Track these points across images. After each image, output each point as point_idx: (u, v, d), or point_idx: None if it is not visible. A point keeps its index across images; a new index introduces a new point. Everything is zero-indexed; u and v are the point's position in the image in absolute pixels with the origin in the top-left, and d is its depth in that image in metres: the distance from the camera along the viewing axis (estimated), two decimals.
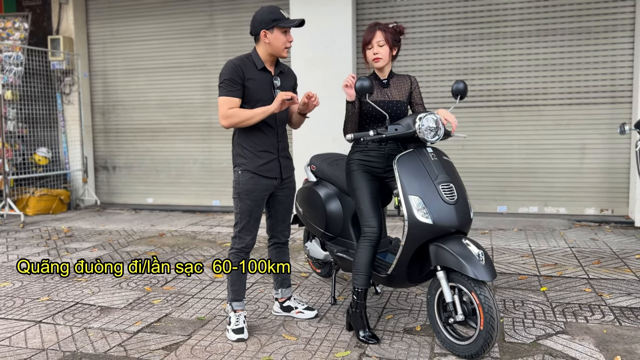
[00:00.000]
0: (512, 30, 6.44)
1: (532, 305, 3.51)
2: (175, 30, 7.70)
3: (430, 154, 2.92)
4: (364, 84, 2.85)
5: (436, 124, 2.90)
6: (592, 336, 3.00)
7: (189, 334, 3.17)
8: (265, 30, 2.95)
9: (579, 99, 6.32)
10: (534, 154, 6.51)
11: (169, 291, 3.97)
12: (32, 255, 5.11)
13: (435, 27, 6.67)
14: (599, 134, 6.29)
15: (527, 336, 3.02)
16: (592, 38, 6.21)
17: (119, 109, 8.11)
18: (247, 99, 2.99)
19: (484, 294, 2.62)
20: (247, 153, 3.05)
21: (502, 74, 6.51)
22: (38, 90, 7.81)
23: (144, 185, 8.13)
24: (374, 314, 3.41)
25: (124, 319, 3.43)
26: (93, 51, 8.13)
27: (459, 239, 2.75)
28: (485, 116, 6.63)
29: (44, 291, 4.01)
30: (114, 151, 8.23)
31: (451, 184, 2.84)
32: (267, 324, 3.29)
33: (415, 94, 3.24)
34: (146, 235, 5.98)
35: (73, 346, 3.01)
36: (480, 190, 6.72)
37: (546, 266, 4.41)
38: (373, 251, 3.01)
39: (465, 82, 3.17)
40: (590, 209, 6.39)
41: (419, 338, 3.04)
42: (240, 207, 3.06)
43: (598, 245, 5.09)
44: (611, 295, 3.66)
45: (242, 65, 2.96)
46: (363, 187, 3.08)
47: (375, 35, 3.07)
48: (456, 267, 2.66)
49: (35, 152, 7.71)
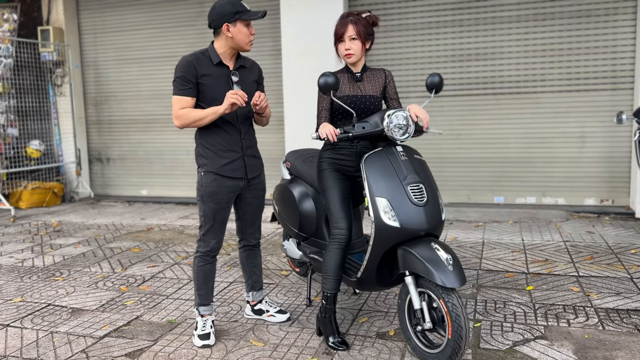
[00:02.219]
0: (508, 15, 6.21)
1: (514, 306, 3.37)
2: (166, 19, 7.55)
3: (400, 153, 2.77)
4: (328, 80, 2.71)
5: (406, 121, 2.75)
6: (572, 342, 2.86)
7: (155, 339, 3.08)
8: (228, 23, 2.80)
9: (579, 85, 6.09)
10: (531, 143, 6.31)
11: (145, 291, 3.88)
12: (16, 252, 5.06)
13: (429, 13, 6.45)
14: (599, 122, 6.07)
15: (503, 342, 2.89)
16: (592, 22, 5.97)
17: (112, 100, 8.01)
18: (203, 97, 2.84)
19: (451, 301, 2.49)
20: (208, 153, 2.92)
21: (499, 60, 6.29)
22: (29, 82, 7.73)
23: (138, 177, 8.06)
24: (349, 316, 3.29)
25: (93, 321, 3.35)
26: (84, 42, 8.02)
27: (428, 243, 2.61)
28: (481, 104, 6.43)
29: (19, 291, 3.94)
30: (108, 143, 8.15)
31: (421, 185, 2.70)
32: (236, 328, 3.19)
33: (389, 89, 3.08)
34: (134, 229, 5.91)
35: (35, 353, 2.94)
36: (476, 180, 6.55)
37: (536, 262, 4.25)
38: (342, 254, 2.89)
39: (441, 75, 3.00)
40: (590, 199, 6.20)
41: (390, 344, 2.92)
42: (204, 210, 2.94)
43: (594, 238, 4.92)
44: (599, 295, 3.51)
45: (195, 62, 2.81)
46: (333, 187, 2.95)
47: (347, 29, 2.90)
48: (423, 273, 2.52)
49: (28, 145, 7.66)
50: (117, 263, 4.61)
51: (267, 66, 7.09)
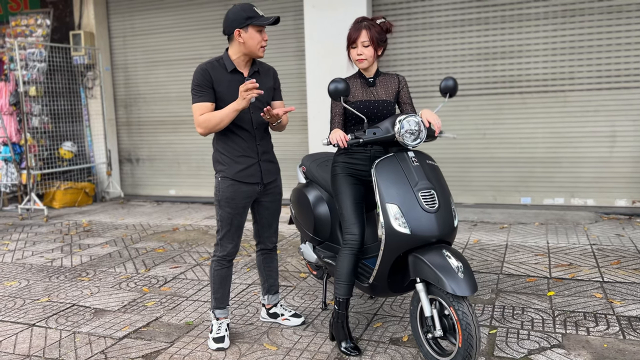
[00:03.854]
0: (535, 12, 6.07)
1: (533, 313, 3.31)
2: (192, 22, 7.66)
3: (412, 159, 2.75)
4: (338, 87, 2.71)
5: (418, 127, 2.73)
6: (590, 351, 2.80)
7: (172, 341, 3.14)
8: (239, 29, 2.83)
9: (609, 83, 5.91)
10: (560, 143, 6.16)
11: (165, 292, 3.96)
12: (47, 252, 5.23)
13: (454, 11, 6.36)
14: (631, 121, 5.88)
15: (518, 350, 2.84)
16: (624, 17, 5.78)
17: (141, 101, 8.18)
18: (218, 105, 2.89)
19: (462, 309, 2.46)
20: (225, 159, 2.96)
21: (526, 58, 6.16)
22: (62, 85, 7.95)
23: (166, 177, 8.21)
24: (363, 321, 3.29)
25: (114, 322, 3.44)
26: (114, 45, 8.21)
27: (439, 250, 2.59)
28: (507, 103, 6.31)
29: (46, 291, 4.08)
30: (137, 144, 8.33)
31: (432, 191, 2.67)
32: (251, 331, 3.22)
33: (403, 94, 3.06)
34: (160, 230, 6.03)
35: (57, 353, 3.04)
36: (503, 181, 6.44)
37: (559, 267, 4.16)
38: (354, 259, 2.89)
39: (455, 79, 2.96)
40: (621, 200, 6.02)
41: (403, 350, 2.91)
42: (221, 214, 2.98)
43: (622, 242, 4.78)
44: (622, 303, 3.41)
45: (210, 70, 2.86)
46: (346, 192, 2.95)
47: (361, 34, 2.89)
48: (433, 280, 2.51)
49: (61, 146, 7.89)
50: (141, 264, 4.71)
51: (290, 67, 7.12)
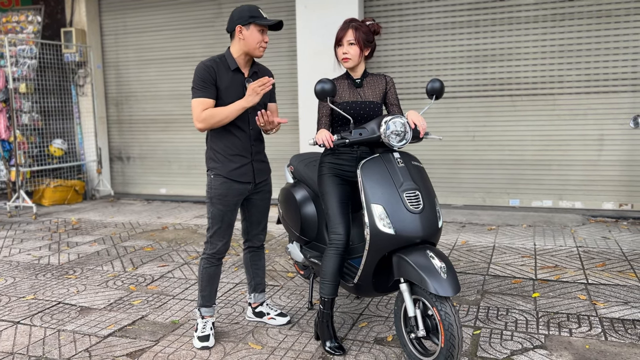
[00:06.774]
0: (526, 15, 6.11)
1: (517, 314, 3.33)
2: (184, 21, 7.65)
3: (397, 160, 2.76)
4: (325, 87, 2.72)
5: (403, 128, 2.74)
6: (572, 352, 2.82)
7: (157, 339, 3.14)
8: (241, 25, 2.85)
9: (598, 87, 5.96)
10: (548, 146, 6.20)
11: (152, 291, 3.96)
12: (34, 249, 5.20)
13: (445, 13, 6.40)
14: (619, 125, 5.93)
15: (501, 351, 2.86)
16: (612, 22, 5.83)
17: (132, 100, 8.16)
18: (218, 102, 2.90)
19: (445, 309, 2.48)
20: (219, 157, 2.97)
21: (516, 61, 6.20)
22: (52, 82, 7.92)
23: (157, 176, 8.19)
24: (349, 321, 3.30)
25: (99, 320, 3.44)
26: (106, 43, 8.18)
27: (423, 251, 2.61)
28: (497, 106, 6.35)
29: (32, 289, 4.06)
30: (128, 142, 8.31)
31: (417, 192, 2.69)
32: (237, 330, 3.23)
33: (390, 94, 3.07)
34: (149, 228, 6.01)
35: (40, 350, 3.03)
36: (492, 183, 6.47)
37: (545, 268, 4.19)
38: (340, 259, 2.90)
39: (442, 81, 2.98)
40: (608, 203, 6.07)
41: (387, 350, 2.92)
42: (212, 211, 3.00)
43: (608, 244, 4.82)
44: (606, 304, 3.44)
45: (214, 66, 2.87)
46: (332, 192, 2.96)
47: (347, 33, 2.92)
48: (417, 281, 2.52)
49: (51, 143, 7.86)
50: (128, 262, 4.71)
51: (282, 67, 7.13)
